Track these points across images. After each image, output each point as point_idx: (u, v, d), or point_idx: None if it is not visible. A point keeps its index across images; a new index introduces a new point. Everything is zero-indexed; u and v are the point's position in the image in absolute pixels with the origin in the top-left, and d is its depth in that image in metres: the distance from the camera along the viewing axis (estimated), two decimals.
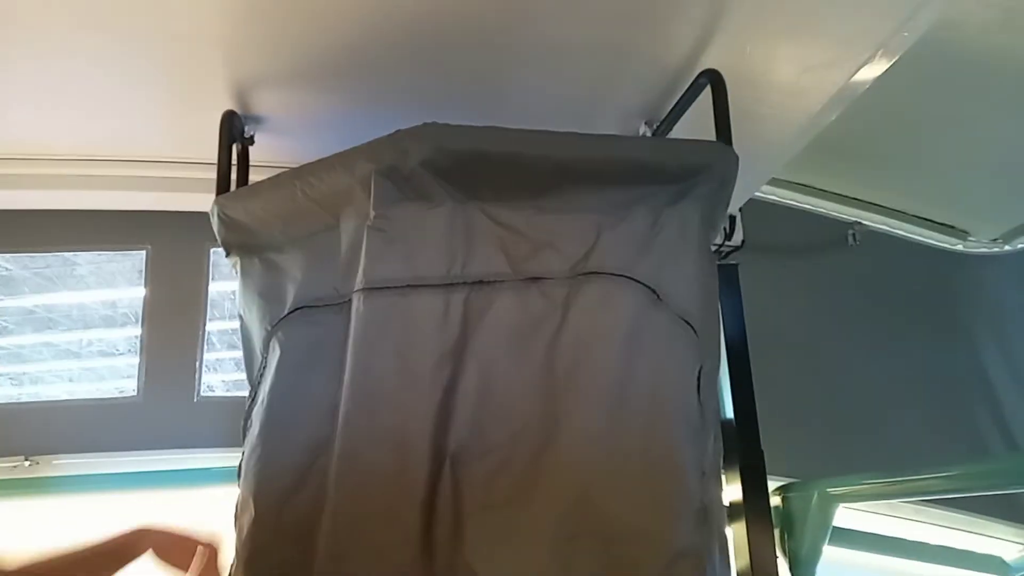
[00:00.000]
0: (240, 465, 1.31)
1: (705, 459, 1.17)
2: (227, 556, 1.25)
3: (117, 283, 2.07)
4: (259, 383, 1.33)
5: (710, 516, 1.14)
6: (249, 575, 1.20)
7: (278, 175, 1.40)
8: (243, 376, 1.48)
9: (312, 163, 1.36)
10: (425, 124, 1.26)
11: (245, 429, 1.35)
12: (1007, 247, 2.28)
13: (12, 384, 2.05)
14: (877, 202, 2.15)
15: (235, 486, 1.34)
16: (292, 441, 1.25)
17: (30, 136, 1.69)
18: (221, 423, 1.97)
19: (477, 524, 1.14)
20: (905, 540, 2.19)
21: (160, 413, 1.98)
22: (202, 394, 2.00)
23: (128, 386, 2.00)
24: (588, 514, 1.12)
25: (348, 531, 1.14)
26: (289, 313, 1.32)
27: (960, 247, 2.30)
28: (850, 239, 2.15)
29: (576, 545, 1.12)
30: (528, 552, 1.12)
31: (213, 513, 2.00)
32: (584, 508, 1.12)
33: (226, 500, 1.36)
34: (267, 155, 1.65)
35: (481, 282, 1.23)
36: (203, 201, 1.47)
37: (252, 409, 1.34)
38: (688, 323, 1.23)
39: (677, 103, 1.54)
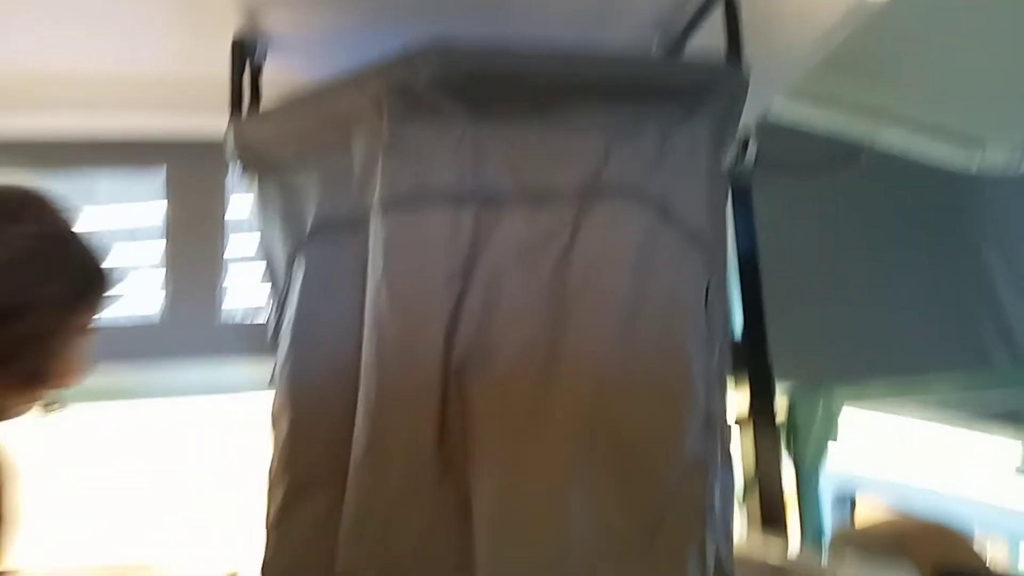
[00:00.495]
0: (273, 373, 1.38)
1: (710, 370, 1.22)
2: None
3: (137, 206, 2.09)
4: (284, 303, 1.39)
5: (714, 424, 1.19)
6: (289, 472, 1.29)
7: (290, 96, 1.41)
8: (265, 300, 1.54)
9: (323, 83, 1.37)
10: (434, 42, 1.26)
11: (274, 346, 1.41)
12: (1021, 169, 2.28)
13: None
14: (892, 111, 2.13)
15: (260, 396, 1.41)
16: (321, 356, 1.31)
17: (34, 58, 1.69)
18: (243, 346, 2.03)
19: (487, 439, 1.19)
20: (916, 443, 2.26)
21: (183, 336, 2.04)
22: (223, 318, 2.05)
23: (150, 310, 2.05)
24: (600, 428, 1.17)
25: (376, 440, 1.21)
26: (310, 235, 1.36)
27: (973, 164, 2.28)
28: (863, 160, 2.14)
29: (592, 457, 1.17)
30: (541, 467, 1.17)
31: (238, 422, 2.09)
32: (595, 422, 1.17)
33: (252, 409, 1.44)
34: (279, 75, 1.65)
35: (490, 199, 1.26)
36: (217, 122, 1.49)
37: (279, 327, 1.40)
38: (698, 241, 1.25)
39: (692, 16, 1.52)
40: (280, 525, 1.28)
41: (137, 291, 2.10)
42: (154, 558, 1.61)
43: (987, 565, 1.31)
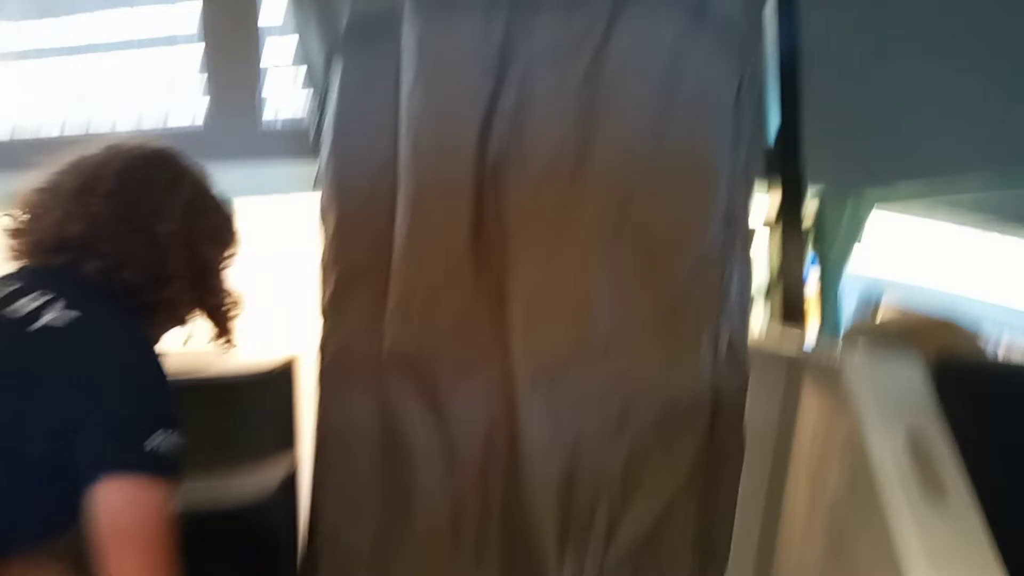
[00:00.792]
0: (318, 173, 1.45)
1: (736, 170, 1.27)
2: None
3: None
4: (324, 105, 1.44)
5: (735, 222, 1.26)
6: (339, 263, 1.40)
7: None
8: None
9: None
10: None
11: (316, 148, 1.48)
12: None
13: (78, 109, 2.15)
14: None
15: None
16: (362, 155, 1.38)
17: None
18: (286, 149, 2.10)
19: (522, 232, 1.28)
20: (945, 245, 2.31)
21: (225, 141, 2.11)
22: (265, 122, 2.10)
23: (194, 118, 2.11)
24: (626, 221, 1.25)
25: (415, 232, 1.31)
26: (345, 36, 1.39)
27: None
28: None
29: (618, 249, 1.26)
30: (572, 256, 1.27)
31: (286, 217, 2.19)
32: (622, 216, 1.25)
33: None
34: None
35: (521, 2, 1.27)
36: None
37: (320, 129, 1.46)
38: (731, 40, 1.26)
39: None
40: (333, 311, 1.41)
41: (180, 98, 2.16)
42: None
43: (985, 355, 1.41)
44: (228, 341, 1.31)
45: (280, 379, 1.89)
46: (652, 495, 1.31)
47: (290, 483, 1.85)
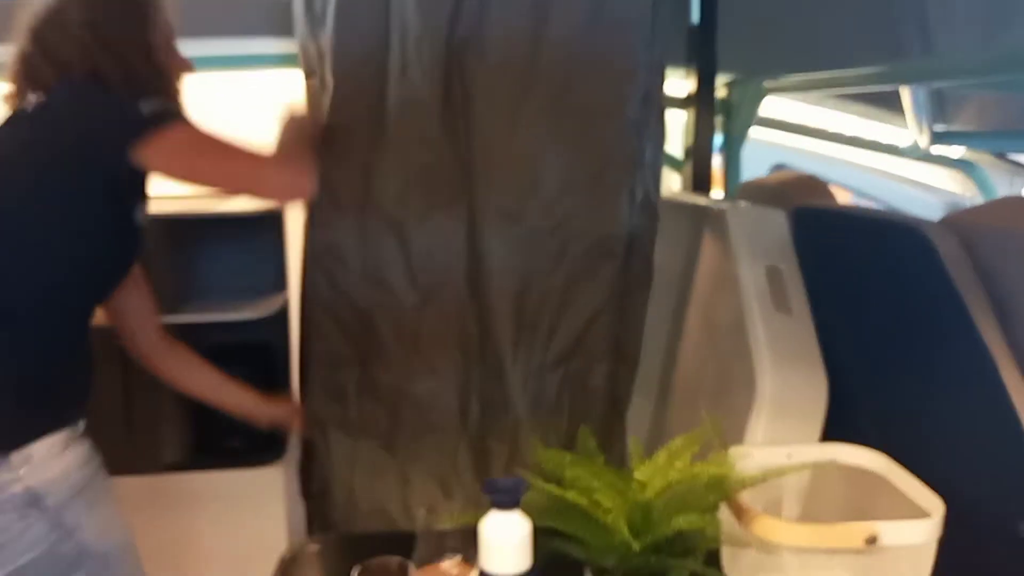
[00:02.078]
0: (306, 49, 1.68)
1: (653, 59, 1.62)
2: None
3: None
4: None
5: (652, 100, 1.62)
6: (338, 116, 1.61)
7: None
8: None
9: None
10: None
11: (307, 23, 1.69)
12: None
13: None
14: None
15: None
16: (361, 36, 1.60)
17: None
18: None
19: (484, 108, 1.58)
20: (825, 128, 2.71)
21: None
22: None
23: None
24: (567, 99, 1.59)
25: (396, 102, 1.59)
26: None
27: None
28: None
29: (558, 121, 1.60)
30: (525, 129, 1.61)
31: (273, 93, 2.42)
32: (565, 94, 1.59)
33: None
34: None
35: None
36: None
37: (312, 9, 1.67)
38: None
39: None
40: (326, 159, 1.58)
41: None
42: None
43: (834, 205, 1.81)
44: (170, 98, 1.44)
45: (273, 221, 2.20)
46: (581, 309, 1.72)
47: (284, 310, 2.21)
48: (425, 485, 1.76)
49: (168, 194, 1.58)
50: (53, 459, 1.24)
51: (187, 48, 1.53)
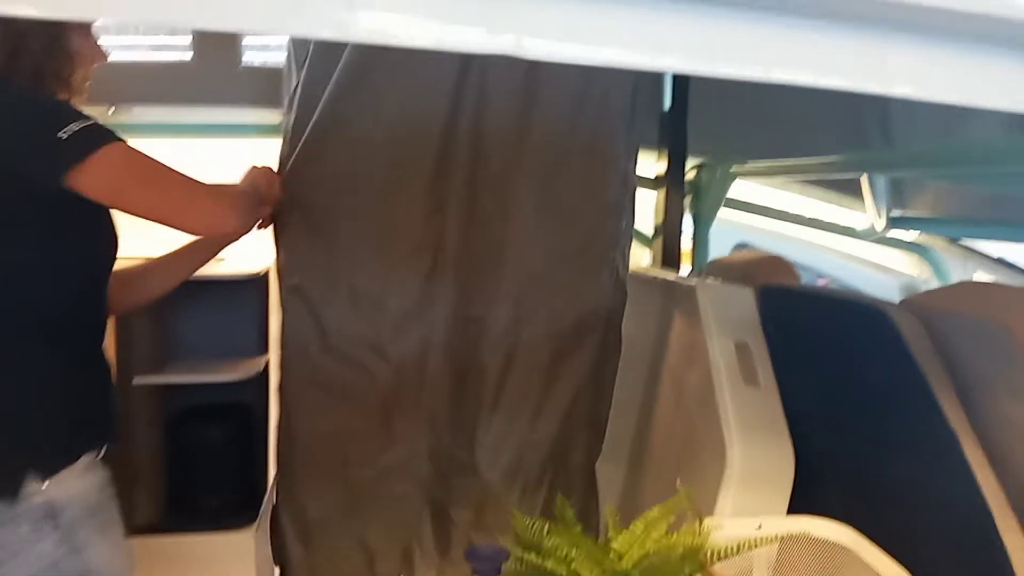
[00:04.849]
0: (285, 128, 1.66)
1: (631, 144, 1.65)
2: None
3: None
4: (302, 61, 1.64)
5: (628, 182, 1.65)
6: (300, 205, 1.59)
7: None
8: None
9: None
10: None
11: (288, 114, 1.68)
12: None
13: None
14: None
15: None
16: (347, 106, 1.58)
17: None
18: (261, 89, 2.35)
19: (476, 185, 1.60)
20: (787, 210, 2.78)
21: (209, 76, 2.36)
22: (244, 62, 2.37)
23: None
24: (553, 183, 1.61)
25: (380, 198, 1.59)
26: None
27: None
28: None
29: (544, 204, 1.62)
30: (517, 206, 1.61)
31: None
32: (550, 179, 1.61)
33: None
34: None
35: None
36: None
37: (293, 97, 1.65)
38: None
39: None
40: (289, 248, 1.62)
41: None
42: None
43: (799, 284, 1.85)
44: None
45: (257, 284, 2.20)
46: (567, 386, 1.70)
47: (265, 372, 2.18)
48: (388, 554, 1.71)
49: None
50: (75, 478, 1.25)
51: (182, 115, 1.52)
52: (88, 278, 1.35)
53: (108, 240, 1.37)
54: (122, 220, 1.38)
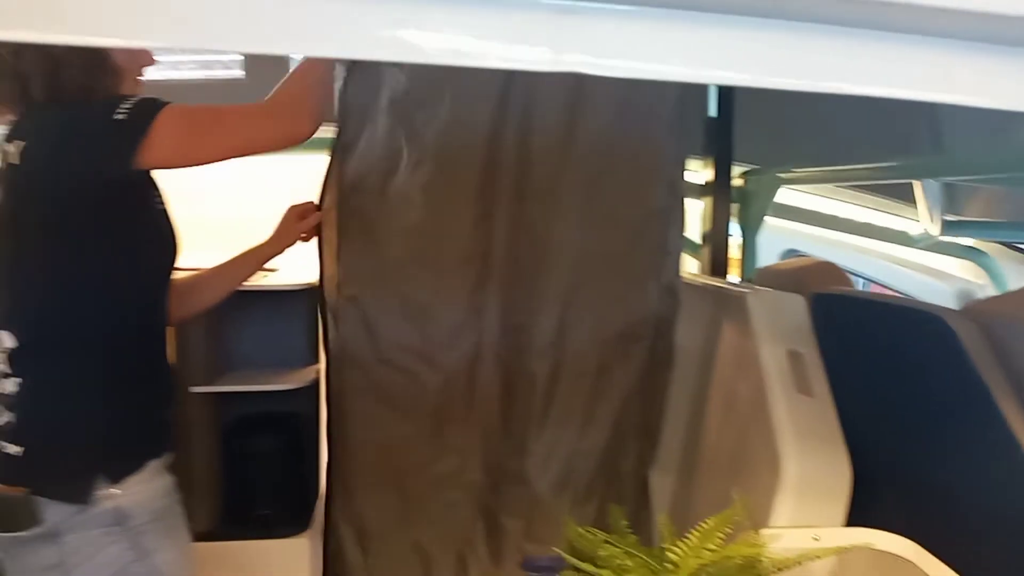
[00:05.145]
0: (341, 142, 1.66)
1: (679, 148, 1.65)
2: None
3: None
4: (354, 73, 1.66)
5: (676, 189, 1.65)
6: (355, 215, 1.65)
7: None
8: None
9: None
10: None
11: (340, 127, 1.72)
12: None
13: None
14: None
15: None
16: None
17: None
18: None
19: (523, 193, 1.62)
20: (837, 216, 2.74)
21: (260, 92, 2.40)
22: None
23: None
24: (598, 189, 1.63)
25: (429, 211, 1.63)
26: None
27: None
28: None
29: (589, 209, 1.63)
30: (563, 214, 1.64)
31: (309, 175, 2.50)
32: (596, 185, 1.63)
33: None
34: None
35: None
36: None
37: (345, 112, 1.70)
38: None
39: None
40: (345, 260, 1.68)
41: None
42: None
43: (852, 291, 1.82)
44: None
45: (308, 295, 2.22)
46: (615, 394, 1.71)
47: (316, 382, 2.20)
48: (443, 560, 1.72)
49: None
50: (144, 483, 1.29)
51: None
52: (152, 287, 1.38)
53: (169, 249, 1.40)
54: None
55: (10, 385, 1.27)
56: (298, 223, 1.62)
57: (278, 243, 1.63)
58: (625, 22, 0.46)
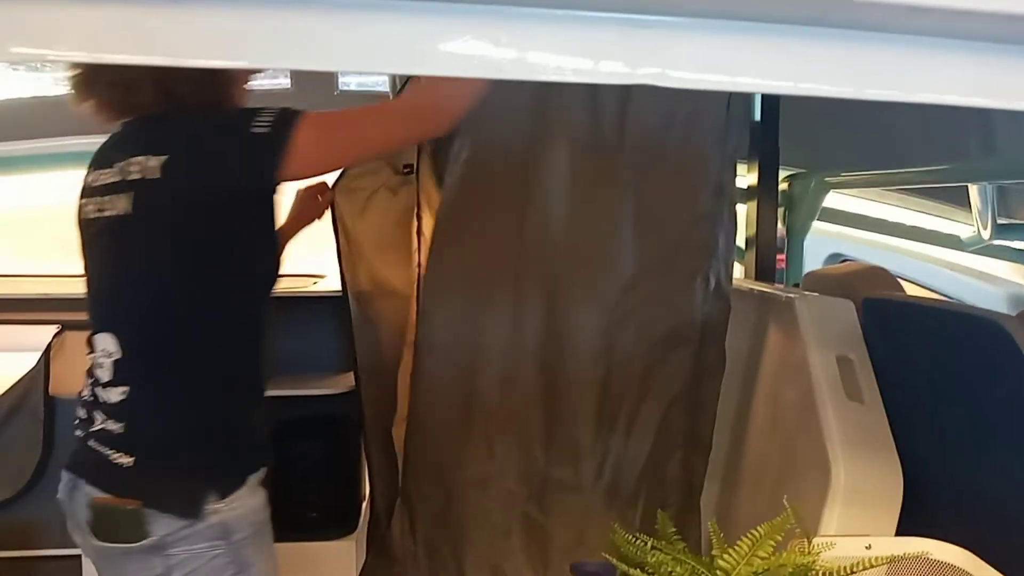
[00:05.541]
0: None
1: (725, 155, 1.64)
2: None
3: None
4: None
5: (723, 192, 1.65)
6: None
7: None
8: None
9: None
10: None
11: None
12: None
13: None
14: None
15: None
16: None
17: None
18: None
19: (570, 195, 1.63)
20: (885, 220, 2.71)
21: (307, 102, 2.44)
22: (340, 88, 2.45)
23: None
24: (645, 189, 1.62)
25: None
26: None
27: None
28: None
29: (637, 208, 1.64)
30: (607, 215, 1.64)
31: None
32: (643, 185, 1.62)
33: None
34: None
35: None
36: None
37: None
38: None
39: None
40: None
41: None
42: None
43: (901, 296, 1.80)
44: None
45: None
46: (660, 398, 1.70)
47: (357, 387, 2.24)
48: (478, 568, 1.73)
49: None
50: (245, 498, 1.29)
51: None
52: (262, 299, 1.36)
53: (278, 259, 1.40)
54: None
55: (116, 394, 1.28)
56: (312, 202, 1.64)
57: (298, 223, 1.65)
58: (695, 35, 0.47)
